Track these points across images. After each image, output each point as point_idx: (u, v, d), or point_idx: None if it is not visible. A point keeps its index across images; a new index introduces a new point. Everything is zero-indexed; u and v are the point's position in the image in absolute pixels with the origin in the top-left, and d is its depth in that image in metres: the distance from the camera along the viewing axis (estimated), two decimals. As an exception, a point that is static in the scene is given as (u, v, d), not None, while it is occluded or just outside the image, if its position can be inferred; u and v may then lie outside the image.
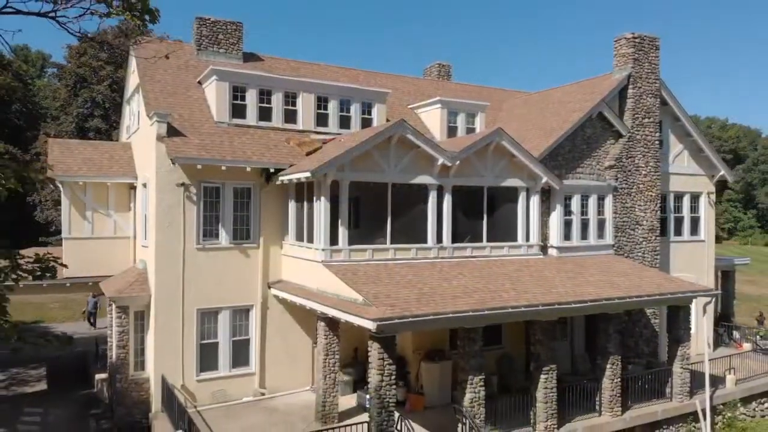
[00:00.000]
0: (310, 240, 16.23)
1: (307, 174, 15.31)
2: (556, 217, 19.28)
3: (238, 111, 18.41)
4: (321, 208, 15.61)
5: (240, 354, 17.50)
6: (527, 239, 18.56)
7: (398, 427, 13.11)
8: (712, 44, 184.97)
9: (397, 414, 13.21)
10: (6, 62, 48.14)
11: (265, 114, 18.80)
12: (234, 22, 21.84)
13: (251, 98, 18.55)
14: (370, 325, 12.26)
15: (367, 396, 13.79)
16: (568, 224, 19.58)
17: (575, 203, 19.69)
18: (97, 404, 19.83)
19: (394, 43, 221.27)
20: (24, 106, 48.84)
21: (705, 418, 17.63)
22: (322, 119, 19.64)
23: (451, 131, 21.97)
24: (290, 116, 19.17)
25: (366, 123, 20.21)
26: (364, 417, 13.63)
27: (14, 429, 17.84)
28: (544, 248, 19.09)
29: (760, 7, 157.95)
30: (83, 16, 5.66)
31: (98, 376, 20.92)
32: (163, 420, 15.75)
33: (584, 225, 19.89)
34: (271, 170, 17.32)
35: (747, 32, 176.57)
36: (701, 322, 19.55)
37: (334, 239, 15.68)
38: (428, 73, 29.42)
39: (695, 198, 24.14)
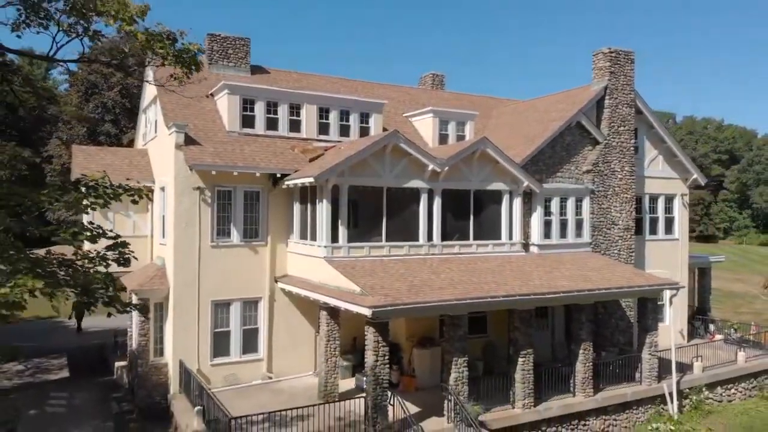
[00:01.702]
0: (313, 238, 17.94)
1: (311, 179, 17.06)
2: (536, 218, 21.03)
3: (247, 121, 20.12)
4: (323, 209, 17.35)
5: (249, 341, 19.22)
6: (510, 238, 20.31)
7: (391, 402, 14.89)
8: (711, 44, 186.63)
9: (389, 392, 14.98)
10: (16, 68, 49.65)
11: (272, 124, 20.52)
12: (242, 38, 23.54)
13: (259, 110, 20.27)
14: (367, 312, 14.05)
15: (364, 378, 15.50)
16: (548, 224, 21.34)
17: (555, 205, 21.44)
18: (118, 389, 21.53)
19: (394, 47, 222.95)
20: (33, 109, 50.27)
21: (672, 401, 19.37)
22: (323, 128, 21.36)
23: (443, 138, 23.70)
24: (295, 125, 20.89)
25: (364, 131, 21.92)
26: (362, 395, 15.32)
27: (43, 410, 19.58)
28: (525, 246, 20.83)
29: (758, 8, 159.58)
30: (144, 66, 7.36)
31: (117, 364, 22.69)
32: (182, 400, 17.47)
33: (563, 225, 21.64)
34: (278, 175, 19.05)
35: (745, 33, 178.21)
36: (670, 314, 21.33)
37: (334, 238, 17.42)
38: (423, 82, 31.08)
39: (670, 199, 25.80)
